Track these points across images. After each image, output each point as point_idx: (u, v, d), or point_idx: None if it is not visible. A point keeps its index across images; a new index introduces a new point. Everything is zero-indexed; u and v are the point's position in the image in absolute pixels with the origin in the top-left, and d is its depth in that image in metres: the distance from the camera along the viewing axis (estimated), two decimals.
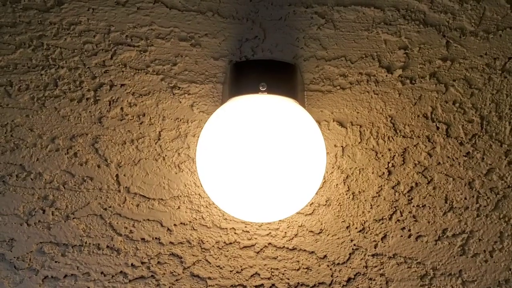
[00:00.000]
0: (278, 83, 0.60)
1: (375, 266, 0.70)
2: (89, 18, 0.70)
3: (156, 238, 0.68)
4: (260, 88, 0.59)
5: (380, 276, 0.70)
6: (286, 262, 0.69)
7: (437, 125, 0.71)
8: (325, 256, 0.69)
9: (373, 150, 0.70)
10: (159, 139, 0.69)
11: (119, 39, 0.70)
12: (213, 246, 0.69)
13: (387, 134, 0.71)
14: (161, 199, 0.69)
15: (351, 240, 0.70)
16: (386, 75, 0.71)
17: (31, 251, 0.67)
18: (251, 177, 0.58)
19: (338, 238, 0.70)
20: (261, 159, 0.57)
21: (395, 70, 0.71)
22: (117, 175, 0.68)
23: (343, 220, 0.70)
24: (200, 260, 0.69)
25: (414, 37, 0.72)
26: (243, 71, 0.62)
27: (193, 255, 0.68)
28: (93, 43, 0.70)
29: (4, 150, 0.68)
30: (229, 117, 0.60)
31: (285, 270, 0.69)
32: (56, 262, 0.68)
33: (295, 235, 0.69)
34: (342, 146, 0.70)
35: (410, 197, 0.70)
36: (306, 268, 0.69)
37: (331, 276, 0.69)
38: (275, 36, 0.70)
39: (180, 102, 0.70)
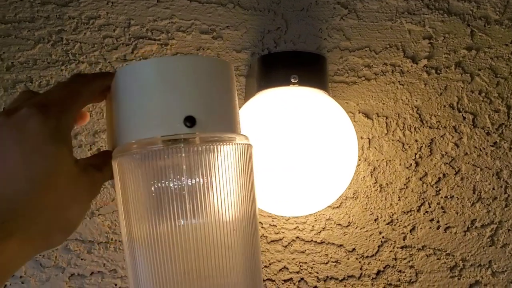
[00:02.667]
0: (309, 75, 0.60)
1: (404, 258, 0.69)
2: (108, 12, 0.69)
3: None
4: (292, 80, 0.58)
5: (410, 268, 0.69)
6: (314, 256, 0.69)
7: (464, 115, 0.71)
8: (354, 249, 0.69)
9: (399, 142, 0.70)
10: None
11: (140, 32, 0.69)
12: None
13: (413, 125, 0.70)
14: None
15: (380, 233, 0.69)
16: (411, 66, 0.71)
17: (57, 249, 0.67)
18: (284, 170, 0.57)
19: (367, 230, 0.69)
20: (294, 152, 0.56)
21: (420, 60, 0.71)
22: None
23: (371, 213, 0.69)
24: None
25: (438, 27, 0.71)
26: (272, 63, 0.61)
27: None
28: (113, 37, 0.69)
29: None
30: (261, 110, 0.59)
31: (313, 264, 0.69)
32: (82, 259, 0.67)
33: (323, 228, 0.69)
34: (368, 138, 0.70)
35: (438, 188, 0.70)
36: (335, 261, 0.69)
37: (360, 269, 0.69)
38: (297, 27, 0.70)
39: None
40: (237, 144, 0.41)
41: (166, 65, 0.39)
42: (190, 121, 0.38)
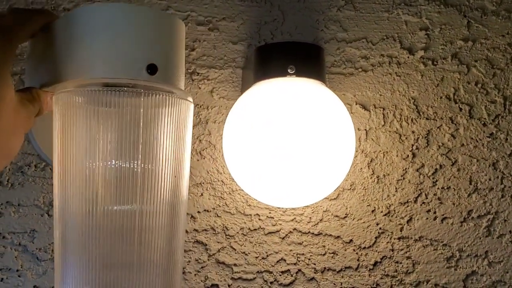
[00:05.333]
0: (306, 65, 0.59)
1: (401, 249, 0.70)
2: None
3: None
4: (289, 71, 0.58)
5: (407, 259, 0.70)
6: (311, 247, 0.69)
7: (460, 106, 0.71)
8: (351, 240, 0.69)
9: (396, 133, 0.70)
10: None
11: None
12: (237, 232, 0.68)
13: (410, 116, 0.70)
14: None
15: (377, 224, 0.70)
16: (408, 57, 0.71)
17: (53, 242, 0.66)
18: (280, 162, 0.57)
19: (364, 222, 0.70)
20: (292, 143, 0.56)
21: (417, 51, 0.71)
22: None
23: (368, 204, 0.70)
24: (225, 247, 0.68)
25: (435, 18, 0.71)
26: (269, 54, 0.61)
27: (218, 242, 0.68)
28: None
29: None
30: (258, 101, 0.59)
31: (311, 255, 0.69)
32: None
33: (320, 220, 0.69)
34: (365, 129, 0.70)
35: (435, 179, 0.70)
36: (332, 252, 0.69)
37: (358, 260, 0.69)
38: (294, 19, 0.69)
39: (200, 88, 0.69)
40: (182, 99, 0.43)
41: (133, 13, 0.40)
42: (151, 69, 0.40)
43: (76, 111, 0.41)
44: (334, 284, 0.69)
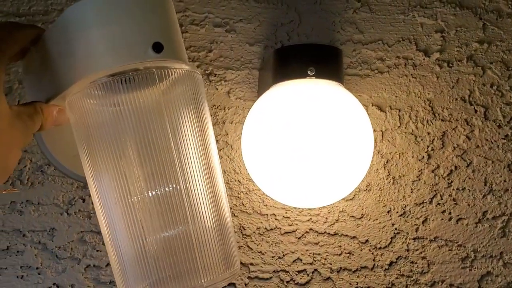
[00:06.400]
0: (325, 67, 0.59)
1: (417, 250, 0.70)
2: None
3: None
4: (309, 72, 0.58)
5: (422, 259, 0.70)
6: (328, 248, 0.69)
7: (475, 108, 0.71)
8: (367, 240, 0.70)
9: (412, 134, 0.70)
10: None
11: None
12: (254, 232, 0.69)
13: (426, 118, 0.70)
14: None
15: (392, 224, 0.70)
16: (424, 59, 0.71)
17: (72, 240, 0.67)
18: (299, 163, 0.57)
19: (380, 222, 0.70)
20: (311, 144, 0.56)
21: (432, 53, 0.71)
22: None
23: (384, 205, 0.70)
24: (241, 246, 0.68)
25: (450, 20, 0.71)
26: (288, 56, 0.61)
27: None
28: None
29: None
30: (278, 102, 0.59)
31: (327, 255, 0.69)
32: (97, 251, 0.67)
33: (336, 220, 0.69)
34: (381, 131, 0.70)
35: (450, 181, 0.70)
36: (348, 253, 0.69)
37: (373, 260, 0.69)
38: (310, 21, 0.69)
39: (217, 89, 0.69)
40: (196, 73, 0.41)
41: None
42: (157, 47, 0.38)
43: (94, 117, 0.38)
44: (350, 284, 0.69)
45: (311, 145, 0.57)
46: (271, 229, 0.69)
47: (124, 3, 0.38)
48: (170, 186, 0.39)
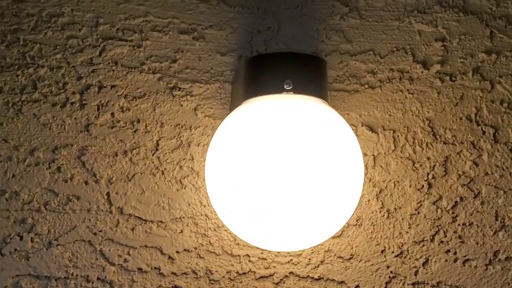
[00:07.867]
0: (306, 81, 0.57)
1: None
2: (74, 9, 0.67)
3: (155, 268, 0.65)
4: (285, 87, 0.56)
5: None
6: None
7: (483, 128, 0.68)
8: (357, 286, 0.66)
9: (409, 159, 0.67)
10: (156, 150, 0.66)
11: (109, 32, 0.67)
12: (223, 276, 0.65)
13: (425, 140, 0.68)
14: (161, 221, 0.66)
15: (388, 267, 0.66)
16: (422, 72, 0.68)
17: (6, 286, 0.63)
18: (274, 197, 0.54)
19: (372, 264, 0.66)
20: (288, 173, 0.53)
21: (432, 65, 0.69)
22: (108, 193, 0.66)
23: (377, 243, 0.67)
24: None
25: (452, 27, 0.69)
26: (262, 66, 0.58)
27: None
28: (78, 37, 0.67)
29: None
30: (247, 122, 0.56)
31: None
32: None
33: (321, 262, 0.66)
34: (373, 155, 0.67)
35: (455, 214, 0.67)
36: None
37: None
38: (291, 27, 0.67)
39: (181, 105, 0.67)
40: None
41: None
42: None
43: None
44: None
45: (288, 174, 0.53)
46: (244, 273, 0.66)
47: None
48: None
